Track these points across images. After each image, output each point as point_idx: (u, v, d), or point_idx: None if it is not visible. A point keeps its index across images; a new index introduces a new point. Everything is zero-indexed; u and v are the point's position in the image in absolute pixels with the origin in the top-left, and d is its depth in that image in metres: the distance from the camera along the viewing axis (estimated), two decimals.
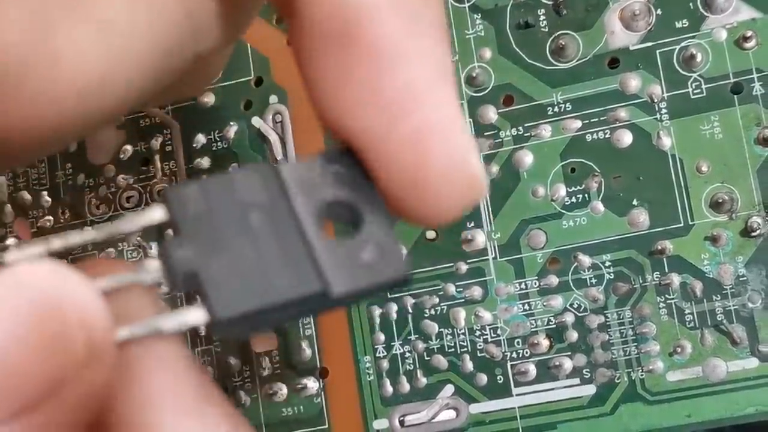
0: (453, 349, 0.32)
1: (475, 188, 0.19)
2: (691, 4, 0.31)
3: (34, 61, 0.17)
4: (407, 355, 0.33)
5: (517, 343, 0.32)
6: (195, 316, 0.18)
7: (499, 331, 0.32)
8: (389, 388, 0.33)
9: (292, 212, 0.19)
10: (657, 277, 0.31)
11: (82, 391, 0.16)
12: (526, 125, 0.32)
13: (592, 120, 0.32)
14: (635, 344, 0.31)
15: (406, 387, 0.33)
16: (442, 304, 0.33)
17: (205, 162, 0.35)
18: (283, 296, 0.18)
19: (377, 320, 0.33)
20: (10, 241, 0.36)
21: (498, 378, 0.32)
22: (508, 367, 0.32)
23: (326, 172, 0.19)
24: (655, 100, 0.31)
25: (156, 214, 0.19)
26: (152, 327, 0.18)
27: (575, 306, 0.32)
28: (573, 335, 0.32)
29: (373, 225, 0.19)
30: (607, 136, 0.32)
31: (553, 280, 0.32)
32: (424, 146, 0.18)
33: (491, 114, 0.33)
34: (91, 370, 0.16)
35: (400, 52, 0.18)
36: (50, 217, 0.36)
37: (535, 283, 0.32)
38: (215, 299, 0.18)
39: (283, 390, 0.33)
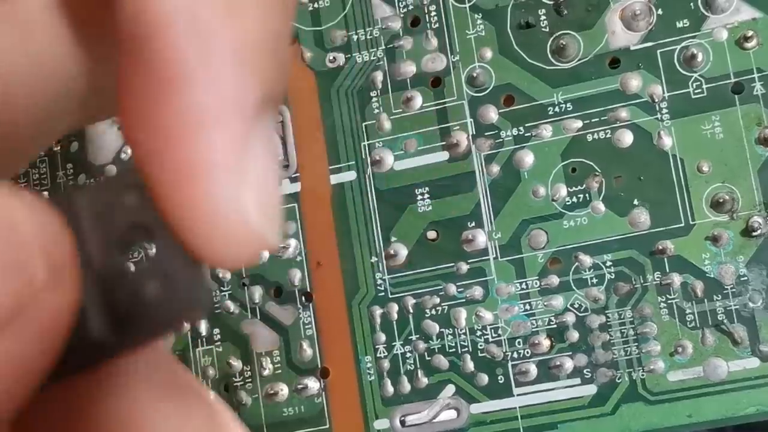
0: (454, 349, 0.32)
1: (248, 239, 0.16)
2: (691, 4, 0.31)
3: None
4: (408, 355, 0.33)
5: (518, 343, 0.32)
6: None
7: (500, 331, 0.32)
8: (390, 388, 0.33)
9: (84, 242, 0.17)
10: (658, 277, 0.31)
11: (44, 318, 0.16)
12: (526, 125, 0.32)
13: (592, 120, 0.32)
14: (636, 344, 0.31)
15: (407, 387, 0.33)
16: (443, 304, 0.33)
17: None
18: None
19: (378, 320, 0.33)
20: None
21: (499, 378, 0.32)
22: (509, 367, 0.32)
23: (127, 192, 0.18)
24: (656, 100, 0.31)
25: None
26: None
27: (576, 306, 0.32)
28: (574, 335, 0.32)
29: (165, 254, 0.17)
30: (607, 136, 0.32)
31: (554, 280, 0.32)
32: (189, 183, 0.16)
33: (492, 114, 0.33)
34: (52, 294, 0.16)
35: (185, 73, 0.16)
36: None
37: (536, 283, 0.32)
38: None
39: (284, 390, 0.33)
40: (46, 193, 0.36)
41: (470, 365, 0.32)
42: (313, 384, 0.33)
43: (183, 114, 0.16)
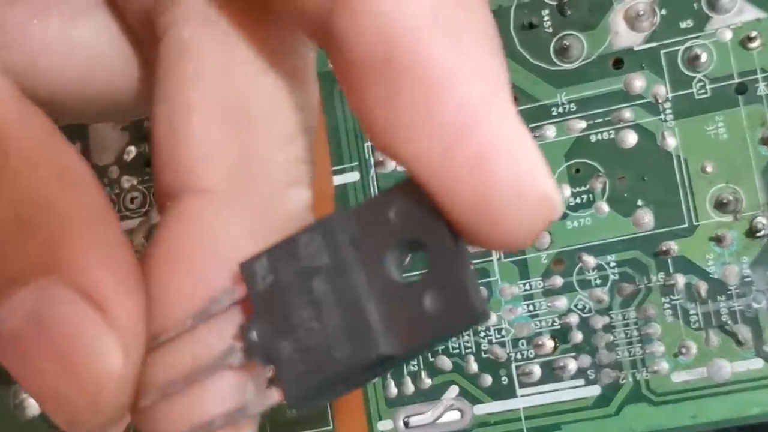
0: (457, 350, 0.32)
1: (548, 207, 0.17)
2: (695, 4, 0.31)
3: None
4: None
5: (522, 344, 0.32)
6: (275, 397, 0.18)
7: (503, 332, 0.32)
8: (393, 389, 0.33)
9: (354, 268, 0.18)
10: (662, 278, 0.31)
11: None
12: (530, 126, 0.32)
13: (596, 120, 0.32)
14: (640, 345, 0.31)
15: (410, 388, 0.33)
16: None
17: None
18: (344, 368, 0.18)
19: None
20: None
21: (502, 379, 0.32)
22: (513, 368, 0.32)
23: (389, 211, 0.18)
24: (660, 101, 0.31)
25: (236, 293, 0.19)
26: (244, 413, 0.19)
27: (580, 307, 0.32)
28: (578, 336, 0.31)
29: (439, 263, 0.18)
30: (611, 136, 0.32)
31: (558, 280, 0.32)
32: (486, 168, 0.17)
33: None
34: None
35: (448, 72, 0.17)
36: None
37: (540, 284, 0.32)
38: (287, 380, 0.18)
39: None
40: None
41: (474, 366, 0.32)
42: None
43: (462, 107, 0.17)
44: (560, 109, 0.32)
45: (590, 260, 0.31)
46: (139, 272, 0.18)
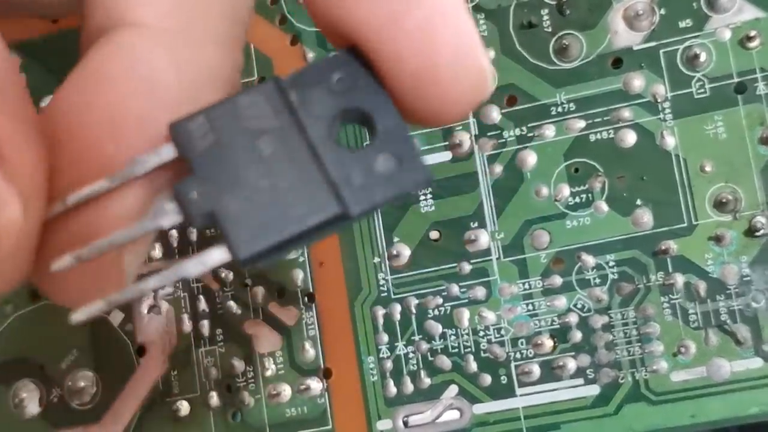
0: (457, 350, 0.32)
1: (485, 81, 0.18)
2: (694, 3, 0.31)
3: None
4: (411, 355, 0.33)
5: (521, 343, 0.32)
6: (218, 256, 0.18)
7: (502, 332, 0.32)
8: (393, 389, 0.33)
9: (301, 131, 0.18)
10: (661, 277, 0.31)
11: None
12: (529, 125, 0.32)
13: (595, 120, 0.32)
14: (639, 344, 0.31)
15: (409, 387, 0.33)
16: (445, 304, 0.33)
17: None
18: (301, 225, 0.18)
19: (381, 321, 0.33)
20: None
21: (502, 378, 0.32)
22: (512, 367, 0.32)
23: (331, 78, 0.19)
24: (659, 100, 0.31)
25: (165, 152, 0.19)
26: (179, 273, 0.18)
27: (579, 306, 0.32)
28: (577, 335, 0.31)
29: (386, 131, 0.18)
30: (610, 136, 0.32)
31: (557, 280, 0.32)
32: (432, 36, 0.17)
33: (495, 114, 0.33)
34: None
35: None
36: None
37: (539, 284, 0.32)
38: (235, 239, 0.18)
39: (286, 390, 0.33)
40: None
41: (473, 366, 0.32)
42: (315, 384, 0.33)
43: None
44: (559, 109, 0.32)
45: (589, 260, 0.32)
46: (39, 123, 0.17)
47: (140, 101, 0.18)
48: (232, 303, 0.34)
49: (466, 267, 0.32)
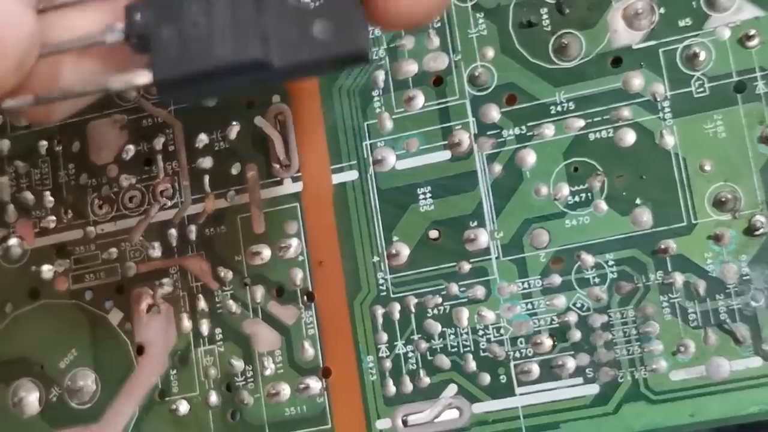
0: (456, 349, 0.32)
1: None
2: (694, 2, 0.31)
3: None
4: (410, 354, 0.33)
5: (520, 342, 0.32)
6: (141, 78, 0.19)
7: (502, 331, 0.32)
8: (392, 388, 0.33)
9: None
10: (660, 276, 0.31)
11: None
12: (529, 124, 0.32)
13: (595, 119, 0.32)
14: (638, 343, 0.31)
15: (409, 387, 0.33)
16: (445, 303, 0.33)
17: (207, 161, 0.35)
18: (220, 61, 0.19)
19: (380, 320, 0.33)
20: (13, 241, 0.36)
21: (501, 377, 0.32)
22: (511, 366, 0.32)
23: None
24: (658, 99, 0.31)
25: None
26: (101, 83, 0.20)
27: (578, 305, 0.32)
28: (576, 334, 0.31)
29: None
30: (610, 135, 0.32)
31: (556, 279, 0.32)
32: None
33: (494, 113, 0.33)
34: None
35: None
36: (53, 217, 0.36)
37: (538, 283, 0.32)
38: (159, 63, 0.19)
39: (286, 390, 0.33)
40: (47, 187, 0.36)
41: (472, 365, 0.32)
42: (314, 384, 0.33)
43: None
44: (559, 108, 0.32)
45: (589, 259, 0.31)
46: None
47: None
48: (231, 302, 0.34)
49: (466, 266, 0.32)
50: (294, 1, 0.19)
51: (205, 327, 0.34)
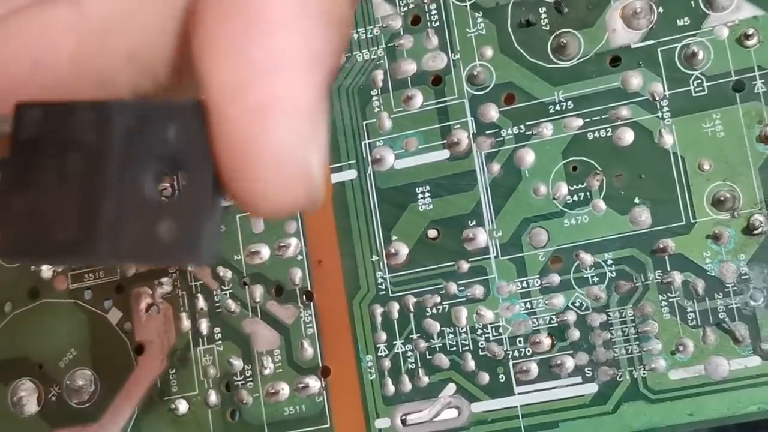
0: (455, 348, 0.32)
1: (306, 189, 0.17)
2: (692, 1, 0.31)
3: None
4: (409, 354, 0.33)
5: (519, 341, 0.32)
6: None
7: (500, 330, 0.32)
8: (391, 387, 0.33)
9: (110, 161, 0.18)
10: (659, 276, 0.31)
11: None
12: (527, 123, 0.32)
13: (593, 118, 0.32)
14: (637, 343, 0.31)
15: (407, 386, 0.33)
16: (443, 302, 0.33)
17: None
18: (58, 253, 0.18)
19: (379, 319, 0.33)
20: None
21: (500, 377, 0.32)
22: (510, 365, 0.32)
23: (169, 123, 0.18)
24: (657, 98, 0.31)
25: (3, 126, 0.19)
26: None
27: (577, 304, 0.32)
28: (575, 334, 0.31)
29: (189, 194, 0.18)
30: (608, 134, 0.32)
31: (555, 278, 0.32)
32: (262, 124, 0.17)
33: (492, 112, 0.33)
34: None
35: (278, 23, 0.17)
36: None
37: (537, 282, 0.32)
38: (4, 237, 0.18)
39: (285, 389, 0.33)
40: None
41: (471, 364, 0.32)
42: (314, 383, 0.33)
43: (273, 55, 0.17)
44: (557, 107, 0.32)
45: (587, 258, 0.31)
46: None
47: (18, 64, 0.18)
48: (230, 301, 0.34)
49: (464, 265, 0.32)
50: (150, 190, 0.18)
51: (204, 326, 0.34)
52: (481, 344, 0.32)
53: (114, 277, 0.35)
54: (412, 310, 0.33)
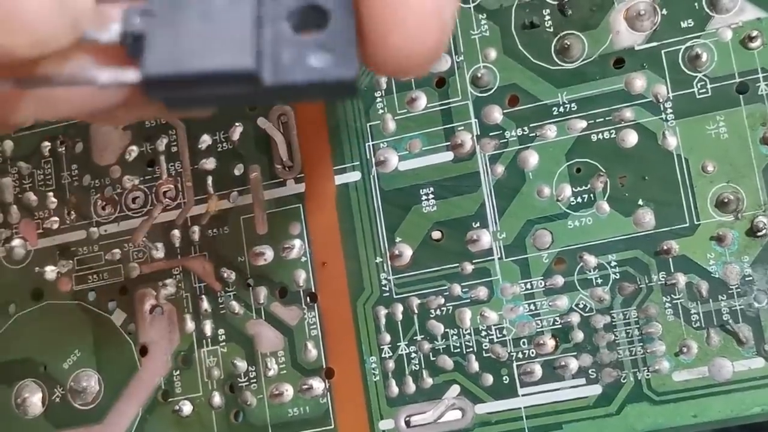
0: (459, 350, 0.32)
1: (440, 40, 0.19)
2: (696, 3, 0.31)
3: None
4: (413, 355, 0.33)
5: (523, 343, 0.32)
6: (130, 74, 0.19)
7: (504, 332, 0.32)
8: (395, 389, 0.33)
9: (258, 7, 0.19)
10: (663, 277, 0.31)
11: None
12: (531, 125, 0.32)
13: (597, 120, 0.32)
14: (641, 344, 0.31)
15: (411, 387, 0.33)
16: (447, 304, 0.33)
17: (210, 163, 0.35)
18: (212, 67, 0.19)
19: (383, 321, 0.33)
20: (16, 242, 0.36)
21: (504, 378, 0.32)
22: (514, 367, 0.32)
23: None
24: (661, 100, 0.31)
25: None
26: (88, 76, 0.19)
27: (581, 306, 0.32)
28: (579, 335, 0.32)
29: (335, 31, 0.19)
30: (612, 136, 0.32)
31: (559, 280, 0.32)
32: None
33: (496, 114, 0.33)
34: None
35: None
36: (56, 218, 0.36)
37: (541, 283, 0.32)
38: (149, 59, 0.19)
39: (289, 390, 0.33)
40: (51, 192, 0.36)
41: (475, 365, 0.32)
42: (317, 384, 0.33)
43: None
44: (561, 109, 0.32)
45: (591, 260, 0.32)
46: None
47: None
48: (234, 303, 0.34)
49: (468, 267, 0.32)
50: (293, 28, 0.19)
51: (208, 328, 0.34)
52: (485, 346, 0.32)
53: (118, 278, 0.35)
54: (416, 311, 0.33)
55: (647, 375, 0.31)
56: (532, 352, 0.32)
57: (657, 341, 0.31)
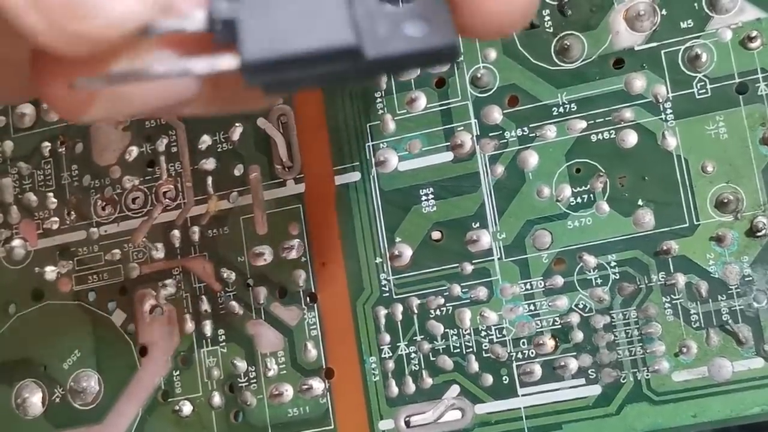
0: (458, 350, 0.32)
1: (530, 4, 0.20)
2: (696, 4, 0.31)
3: None
4: (413, 355, 0.33)
5: (523, 343, 0.32)
6: (227, 61, 0.19)
7: (504, 332, 0.32)
8: (395, 389, 0.33)
9: None
10: (662, 277, 0.31)
11: None
12: (531, 125, 0.32)
13: (597, 120, 0.32)
14: (641, 344, 0.31)
15: (411, 387, 0.33)
16: (447, 304, 0.33)
17: (210, 163, 0.35)
18: (314, 46, 0.18)
19: (383, 321, 0.33)
20: (16, 242, 0.36)
21: (503, 378, 0.32)
22: (514, 367, 0.32)
23: None
24: (660, 101, 0.31)
25: None
26: (183, 66, 0.19)
27: (581, 306, 0.32)
28: (578, 335, 0.32)
29: (427, 2, 0.19)
30: (612, 136, 0.32)
31: (559, 280, 0.32)
32: None
33: (496, 114, 0.33)
34: None
35: None
36: (56, 219, 0.36)
37: (541, 284, 0.32)
38: (246, 44, 0.18)
39: (288, 391, 0.33)
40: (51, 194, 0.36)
41: (475, 366, 0.32)
42: (317, 384, 0.33)
43: None
44: (561, 109, 0.32)
45: (591, 260, 0.32)
46: None
47: None
48: (234, 303, 0.34)
49: (468, 267, 0.32)
50: (383, 1, 0.19)
51: (208, 328, 0.34)
52: (485, 346, 0.32)
53: (118, 278, 0.35)
54: (415, 311, 0.33)
55: (647, 375, 0.31)
56: (532, 353, 0.32)
57: (657, 341, 0.31)
